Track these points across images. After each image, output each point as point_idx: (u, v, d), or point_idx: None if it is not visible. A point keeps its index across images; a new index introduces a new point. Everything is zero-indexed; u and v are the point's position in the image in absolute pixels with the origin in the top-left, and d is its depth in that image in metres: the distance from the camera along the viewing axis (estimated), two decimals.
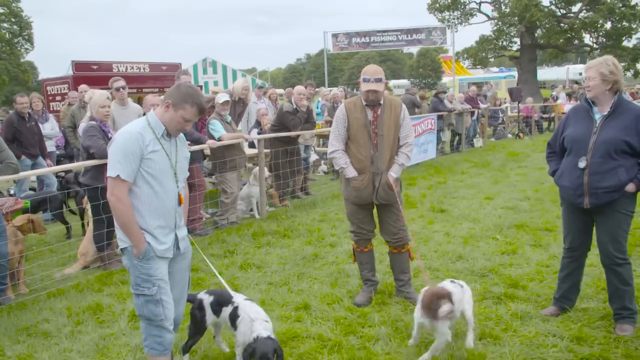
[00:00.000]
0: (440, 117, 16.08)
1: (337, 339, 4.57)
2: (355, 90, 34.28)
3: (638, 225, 7.59)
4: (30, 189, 9.96)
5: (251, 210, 9.31)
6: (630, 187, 4.38)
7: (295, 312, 5.19)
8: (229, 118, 8.71)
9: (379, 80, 5.06)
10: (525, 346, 4.36)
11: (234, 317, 4.01)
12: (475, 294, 5.42)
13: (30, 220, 6.38)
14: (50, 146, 10.62)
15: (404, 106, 5.31)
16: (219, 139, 8.20)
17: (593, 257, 5.37)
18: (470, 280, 5.83)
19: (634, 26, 33.46)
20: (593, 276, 5.76)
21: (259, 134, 10.06)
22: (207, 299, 4.22)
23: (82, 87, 10.23)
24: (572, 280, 4.94)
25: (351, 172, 5.22)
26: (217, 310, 4.15)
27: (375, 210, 5.47)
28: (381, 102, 5.17)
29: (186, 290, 4.05)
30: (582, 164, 4.51)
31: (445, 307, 3.94)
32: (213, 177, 9.38)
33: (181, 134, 3.85)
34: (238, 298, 4.12)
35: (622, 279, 4.55)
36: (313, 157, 12.30)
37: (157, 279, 3.65)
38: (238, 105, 9.83)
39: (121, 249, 3.70)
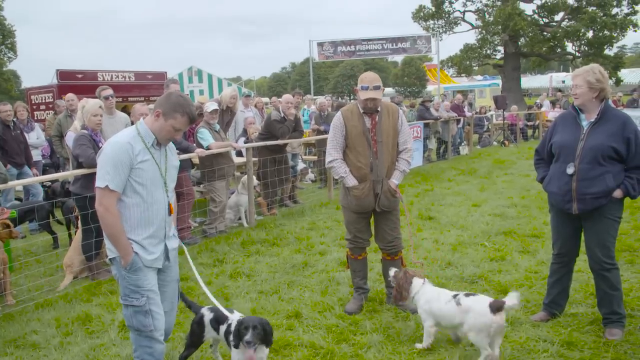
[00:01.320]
0: (426, 125, 16.19)
1: (330, 347, 4.58)
2: (340, 98, 34.38)
3: (625, 231, 7.69)
4: (15, 199, 9.86)
5: (239, 219, 9.30)
6: (618, 193, 4.44)
7: (286, 320, 5.19)
8: (218, 127, 8.72)
9: (377, 87, 5.06)
10: (516, 351, 4.39)
11: (227, 335, 3.98)
12: None
13: (6, 225, 6.30)
14: (36, 155, 10.53)
15: (401, 111, 5.33)
16: (208, 148, 8.19)
17: (581, 262, 5.43)
18: (460, 287, 5.87)
19: (614, 35, 33.92)
20: (581, 281, 5.82)
21: (246, 142, 10.06)
22: (207, 315, 4.19)
23: (69, 95, 10.17)
24: (561, 285, 4.99)
25: (351, 181, 5.22)
26: (216, 328, 4.12)
27: (372, 218, 5.49)
28: (379, 108, 5.18)
29: (176, 301, 4.03)
30: (570, 170, 4.57)
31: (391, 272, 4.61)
32: (201, 186, 9.36)
33: (170, 143, 3.85)
34: (234, 316, 4.09)
35: (610, 283, 4.61)
36: (300, 165, 12.32)
37: (145, 290, 3.63)
38: (226, 114, 9.84)
39: (110, 259, 3.67)
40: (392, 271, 4.99)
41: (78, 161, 6.54)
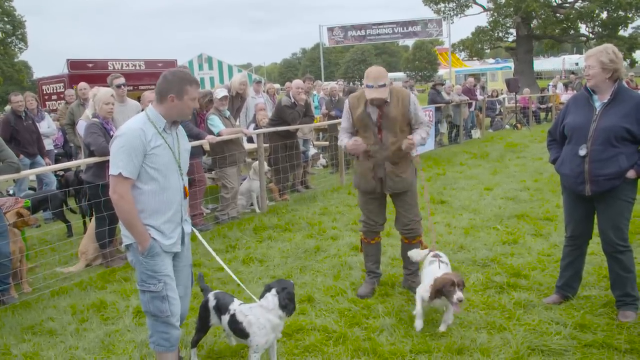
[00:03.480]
0: (438, 109, 16.11)
1: (342, 331, 4.61)
2: (351, 83, 34.24)
3: (638, 212, 7.62)
4: (29, 189, 9.97)
5: (251, 204, 9.34)
6: (631, 174, 4.41)
7: (299, 304, 5.19)
8: (228, 113, 8.73)
9: (382, 85, 4.97)
10: (528, 334, 4.39)
11: (233, 324, 3.99)
12: (477, 284, 5.51)
13: (19, 214, 6.37)
14: (47, 145, 10.61)
15: (412, 96, 5.22)
16: (218, 135, 8.21)
17: (594, 245, 5.40)
18: (472, 270, 5.89)
19: (629, 15, 33.48)
20: (594, 264, 5.80)
21: (256, 128, 10.07)
22: (211, 301, 4.22)
23: (82, 84, 10.22)
24: (574, 268, 4.97)
25: (345, 140, 5.29)
26: (218, 316, 4.15)
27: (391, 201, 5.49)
28: (387, 99, 5.10)
29: (190, 286, 4.07)
30: (582, 151, 4.54)
31: (459, 295, 4.28)
32: (213, 172, 9.39)
33: (181, 127, 3.87)
34: (235, 304, 4.09)
35: (624, 266, 4.59)
36: (312, 150, 12.34)
37: (162, 275, 3.66)
38: (236, 101, 9.84)
39: (126, 246, 3.71)
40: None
41: (90, 149, 6.59)
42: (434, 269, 4.66)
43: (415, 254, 5.17)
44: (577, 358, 4.06)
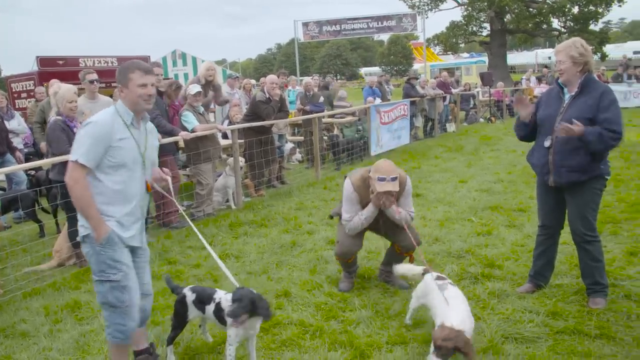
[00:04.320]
0: (412, 103, 16.21)
1: (319, 324, 4.65)
2: (327, 77, 34.25)
3: (609, 203, 7.79)
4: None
5: (227, 201, 9.32)
6: (579, 129, 4.35)
7: (275, 299, 5.25)
8: (202, 109, 8.69)
9: (395, 179, 4.86)
10: (502, 322, 4.48)
11: (218, 313, 4.02)
12: (452, 275, 5.58)
13: None
14: (17, 143, 10.43)
15: (408, 182, 5.20)
16: (192, 131, 8.17)
17: (566, 235, 5.50)
18: (448, 262, 5.96)
19: (600, 10, 33.91)
20: (566, 253, 5.92)
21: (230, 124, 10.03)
22: (189, 296, 4.22)
23: (53, 81, 10.06)
24: (546, 257, 5.07)
25: (369, 210, 5.14)
26: (201, 308, 4.16)
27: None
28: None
29: (150, 286, 4.03)
30: (547, 142, 4.66)
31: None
32: (187, 169, 9.35)
33: (151, 125, 3.87)
34: (219, 294, 4.13)
35: (592, 256, 4.69)
36: (288, 145, 12.36)
37: (122, 264, 3.64)
38: (207, 89, 9.71)
39: (82, 237, 3.66)
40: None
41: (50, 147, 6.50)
42: (453, 301, 3.94)
43: (406, 269, 4.88)
44: (550, 345, 4.15)
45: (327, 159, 13.36)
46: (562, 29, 36.07)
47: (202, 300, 4.13)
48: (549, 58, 51.05)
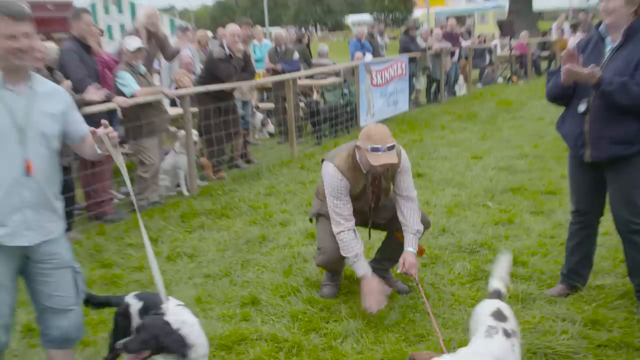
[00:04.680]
0: (412, 60, 16.18)
1: (296, 339, 4.62)
2: (303, 29, 33.89)
3: None
4: None
5: (178, 185, 9.25)
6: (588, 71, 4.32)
7: (240, 309, 5.22)
8: (143, 69, 8.56)
9: (392, 148, 4.76)
10: (529, 334, 4.47)
11: None
12: (464, 274, 5.61)
13: None
14: None
15: (403, 155, 5.10)
16: (131, 96, 8.06)
17: (608, 223, 5.52)
18: (458, 258, 5.97)
19: None
20: (609, 246, 5.94)
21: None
22: (135, 304, 4.16)
23: None
24: (583, 251, 5.07)
25: (363, 268, 4.98)
26: None
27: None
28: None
29: (75, 295, 3.91)
30: (582, 107, 4.56)
31: None
32: (126, 146, 9.25)
33: (52, 87, 3.75)
34: (170, 304, 4.06)
35: None
36: (258, 116, 12.31)
37: None
38: (151, 43, 9.55)
39: None
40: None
41: None
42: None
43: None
44: None
45: (305, 131, 13.31)
46: None
47: (152, 308, 4.07)
48: (587, 0, 51.20)
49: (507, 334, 3.39)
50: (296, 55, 13.16)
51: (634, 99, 4.26)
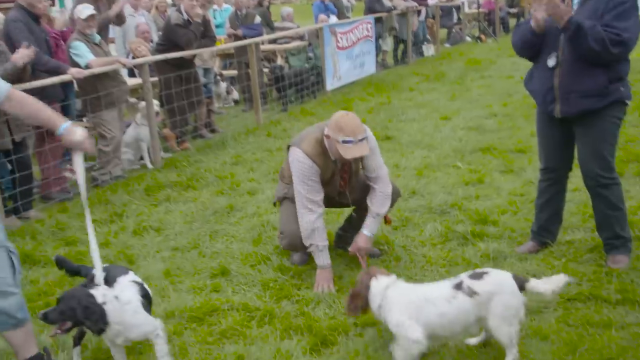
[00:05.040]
0: (378, 20, 16.15)
1: (268, 307, 4.69)
2: None
3: (632, 137, 7.97)
4: None
5: (141, 158, 9.22)
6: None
7: (210, 280, 5.26)
8: (98, 38, 8.46)
9: (363, 140, 4.78)
10: None
11: None
12: (435, 236, 5.71)
13: None
14: None
15: (368, 133, 4.99)
16: (87, 67, 7.98)
17: (576, 179, 5.64)
18: (429, 220, 6.07)
19: None
20: (578, 202, 6.09)
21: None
22: (100, 277, 4.17)
23: None
24: (553, 208, 5.19)
25: (324, 260, 5.01)
26: None
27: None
28: None
29: (11, 275, 3.87)
30: (551, 61, 4.65)
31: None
32: (84, 119, 9.17)
33: None
34: (126, 277, 4.09)
35: (610, 203, 4.79)
36: (222, 85, 12.26)
37: None
38: (103, 6, 9.40)
39: None
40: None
41: None
42: None
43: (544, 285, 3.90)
44: (560, 315, 4.30)
45: (270, 97, 13.28)
46: None
47: (113, 280, 4.09)
48: None
49: (459, 286, 3.72)
50: (258, 19, 13.07)
51: (602, 43, 4.31)
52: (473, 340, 4.02)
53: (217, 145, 9.80)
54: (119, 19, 10.04)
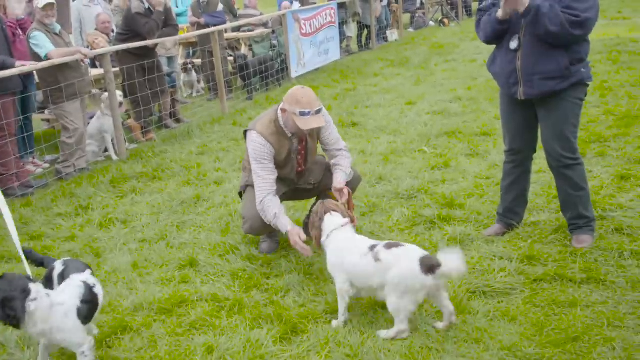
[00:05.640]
0: (341, 6, 16.14)
1: (237, 297, 4.68)
2: None
3: (594, 118, 8.09)
4: None
5: (106, 150, 9.13)
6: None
7: (179, 271, 5.24)
8: (58, 27, 8.32)
9: (319, 111, 4.90)
10: (468, 274, 4.59)
11: None
12: (402, 221, 5.73)
13: None
14: None
15: (324, 110, 5.14)
16: (47, 58, 7.86)
17: (540, 161, 5.70)
18: (396, 205, 6.10)
19: None
20: (542, 183, 6.16)
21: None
22: (58, 268, 4.14)
23: None
24: (518, 189, 5.23)
25: (284, 224, 4.97)
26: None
27: None
28: None
29: None
30: (513, 44, 4.70)
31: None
32: (47, 112, 9.04)
33: None
34: (79, 276, 3.99)
35: (573, 183, 4.86)
36: (193, 76, 12.18)
37: None
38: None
39: None
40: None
41: None
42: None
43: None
44: (526, 296, 4.35)
45: (235, 85, 13.21)
46: None
47: (70, 273, 4.02)
48: None
49: (372, 249, 4.07)
50: (220, 7, 12.98)
51: (561, 25, 4.37)
52: (440, 325, 4.08)
53: (182, 135, 9.74)
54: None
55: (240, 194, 5.69)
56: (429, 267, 3.80)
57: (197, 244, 5.75)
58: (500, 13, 4.59)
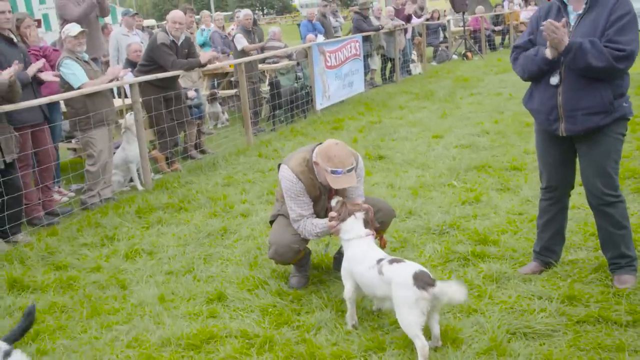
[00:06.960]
0: (366, 39, 16.14)
1: (267, 334, 4.56)
2: (258, 10, 33.42)
3: (627, 153, 7.94)
4: None
5: (131, 180, 9.09)
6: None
7: (207, 306, 5.14)
8: (87, 56, 8.34)
9: (351, 170, 4.77)
10: (506, 314, 4.49)
11: None
12: (435, 257, 5.61)
13: None
14: None
15: (360, 163, 5.13)
16: (80, 88, 7.84)
17: (575, 196, 5.56)
18: (427, 240, 5.98)
19: None
20: (578, 220, 6.01)
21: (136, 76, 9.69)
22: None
23: None
24: (555, 227, 5.09)
25: (321, 224, 5.01)
26: None
27: None
28: None
29: None
30: (554, 79, 4.59)
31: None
32: (73, 141, 9.01)
33: None
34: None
35: (614, 221, 4.71)
36: (217, 107, 12.21)
37: None
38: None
39: None
40: (334, 200, 4.96)
41: None
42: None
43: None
44: (570, 339, 4.18)
45: (261, 117, 13.14)
46: None
47: None
48: None
49: (379, 262, 4.32)
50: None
51: (605, 60, 4.28)
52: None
53: (207, 166, 9.69)
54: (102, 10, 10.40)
55: (271, 222, 5.59)
56: (422, 281, 4.00)
57: (224, 277, 5.65)
58: (548, 53, 4.48)
